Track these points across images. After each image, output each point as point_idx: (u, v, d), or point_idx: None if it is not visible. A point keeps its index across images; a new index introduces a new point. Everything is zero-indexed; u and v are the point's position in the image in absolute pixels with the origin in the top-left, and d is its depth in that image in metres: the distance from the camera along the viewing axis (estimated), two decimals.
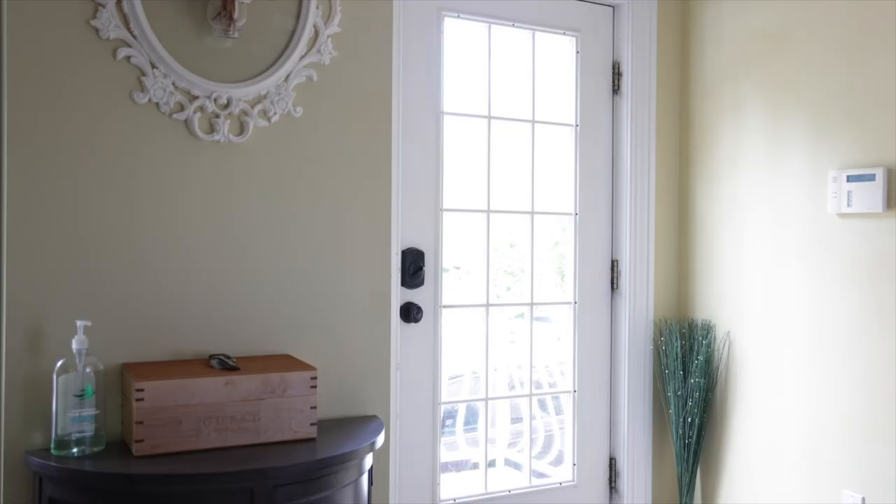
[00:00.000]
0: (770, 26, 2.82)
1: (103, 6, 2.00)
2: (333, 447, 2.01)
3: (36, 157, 1.95)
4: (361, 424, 2.24)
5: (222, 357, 2.06)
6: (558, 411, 3.11)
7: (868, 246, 2.49)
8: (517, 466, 3.02)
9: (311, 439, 2.04)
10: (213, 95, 2.13)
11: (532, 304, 2.95)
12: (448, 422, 2.97)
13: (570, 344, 3.03)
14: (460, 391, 3.01)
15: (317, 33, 2.28)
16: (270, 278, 2.23)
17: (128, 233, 2.06)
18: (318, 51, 2.28)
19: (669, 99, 3.15)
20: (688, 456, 2.99)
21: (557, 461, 3.08)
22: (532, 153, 2.92)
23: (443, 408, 2.78)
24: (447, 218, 2.74)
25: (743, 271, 2.92)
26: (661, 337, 3.08)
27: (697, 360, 2.96)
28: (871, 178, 2.45)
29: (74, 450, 1.87)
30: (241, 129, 2.19)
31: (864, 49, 2.52)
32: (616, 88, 3.09)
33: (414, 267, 2.64)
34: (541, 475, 3.03)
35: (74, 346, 1.89)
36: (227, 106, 2.16)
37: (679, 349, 3.03)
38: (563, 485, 3.03)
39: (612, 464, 3.13)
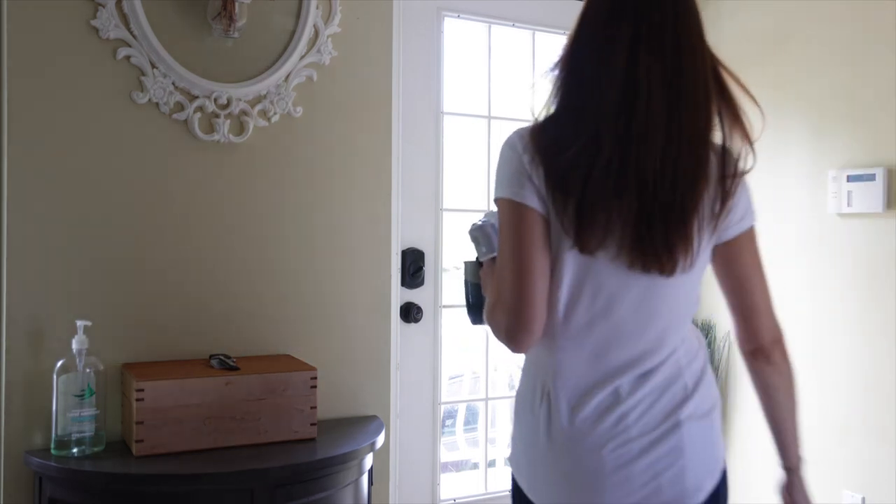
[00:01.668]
0: (770, 26, 2.82)
1: (103, 6, 2.00)
2: (333, 447, 2.01)
3: (36, 157, 1.95)
4: (361, 424, 2.24)
5: (222, 357, 2.06)
6: None
7: (868, 246, 2.49)
8: None
9: (311, 439, 2.03)
10: (213, 95, 2.13)
11: None
12: (448, 422, 2.97)
13: None
14: (460, 391, 3.01)
15: (317, 33, 2.27)
16: (270, 278, 2.23)
17: (127, 233, 2.06)
18: (318, 51, 2.27)
19: None
20: None
21: None
22: None
23: (443, 408, 2.78)
24: (447, 218, 2.74)
25: None
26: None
27: None
28: (871, 178, 2.45)
29: (74, 450, 1.87)
30: (241, 129, 2.18)
31: (864, 49, 2.52)
32: None
33: (414, 267, 2.64)
34: None
35: (74, 346, 1.89)
36: (226, 106, 2.16)
37: None
38: None
39: None
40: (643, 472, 1.22)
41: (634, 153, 1.16)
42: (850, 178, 2.51)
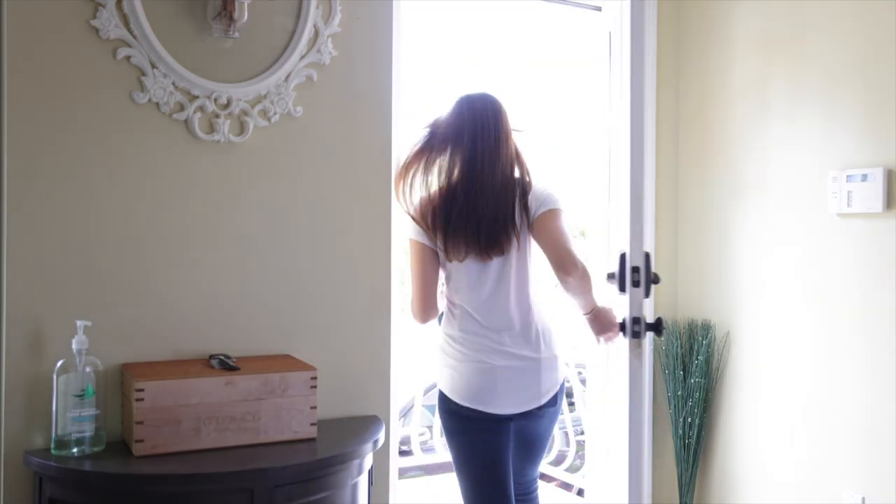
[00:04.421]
0: (769, 26, 2.82)
1: (103, 6, 2.00)
2: (333, 447, 2.01)
3: (36, 157, 1.95)
4: (361, 424, 2.24)
5: (222, 357, 2.06)
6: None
7: (868, 246, 2.49)
8: None
9: (311, 439, 2.04)
10: (213, 95, 2.13)
11: None
12: None
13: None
14: None
15: (317, 33, 2.27)
16: (270, 278, 2.23)
17: (127, 232, 2.06)
18: (319, 51, 2.27)
19: (668, 99, 3.15)
20: (688, 456, 2.99)
21: (558, 460, 3.08)
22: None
23: None
24: None
25: (743, 271, 2.92)
26: (661, 337, 3.09)
27: (697, 360, 2.96)
28: (872, 178, 2.45)
29: (74, 450, 1.87)
30: (241, 129, 2.19)
31: (864, 50, 2.52)
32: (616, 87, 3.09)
33: None
34: (552, 479, 3.01)
35: (74, 346, 1.89)
36: (227, 106, 2.16)
37: (679, 349, 3.03)
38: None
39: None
40: (516, 382, 2.10)
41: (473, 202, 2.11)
42: (849, 178, 2.51)
